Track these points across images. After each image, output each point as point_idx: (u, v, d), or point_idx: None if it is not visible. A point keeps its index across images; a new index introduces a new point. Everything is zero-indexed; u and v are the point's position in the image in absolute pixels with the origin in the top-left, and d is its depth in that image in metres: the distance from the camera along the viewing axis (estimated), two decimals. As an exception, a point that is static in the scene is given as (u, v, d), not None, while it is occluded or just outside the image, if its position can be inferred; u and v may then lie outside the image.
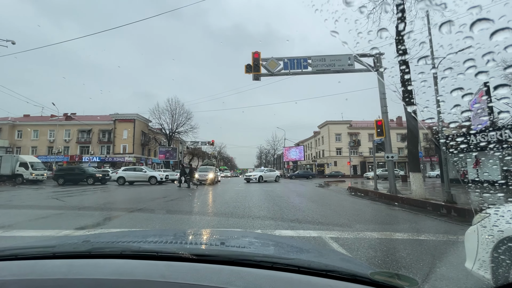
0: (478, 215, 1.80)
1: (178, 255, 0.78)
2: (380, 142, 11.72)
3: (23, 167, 21.29)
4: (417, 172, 9.30)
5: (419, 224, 5.43)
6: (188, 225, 5.36)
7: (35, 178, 21.34)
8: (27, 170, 21.25)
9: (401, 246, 3.74)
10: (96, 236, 1.34)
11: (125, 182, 19.73)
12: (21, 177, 21.07)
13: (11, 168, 21.12)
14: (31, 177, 21.13)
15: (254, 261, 0.77)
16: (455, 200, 6.98)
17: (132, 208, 7.45)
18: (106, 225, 5.25)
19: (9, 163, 21.24)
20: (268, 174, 24.49)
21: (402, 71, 7.37)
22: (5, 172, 21.05)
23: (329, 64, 11.62)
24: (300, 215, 6.19)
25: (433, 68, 2.69)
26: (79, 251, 0.87)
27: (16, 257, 0.80)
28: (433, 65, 4.41)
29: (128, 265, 0.73)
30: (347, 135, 48.90)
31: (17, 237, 4.27)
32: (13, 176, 21.07)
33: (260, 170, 25.52)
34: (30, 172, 21.24)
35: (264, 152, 78.92)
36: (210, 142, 42.18)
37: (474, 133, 13.14)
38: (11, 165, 21.20)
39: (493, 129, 12.33)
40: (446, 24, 0.85)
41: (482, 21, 0.76)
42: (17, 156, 22.35)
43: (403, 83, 7.35)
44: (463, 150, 12.16)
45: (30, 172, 21.22)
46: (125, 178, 19.88)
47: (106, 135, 43.88)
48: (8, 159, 21.62)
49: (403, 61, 5.07)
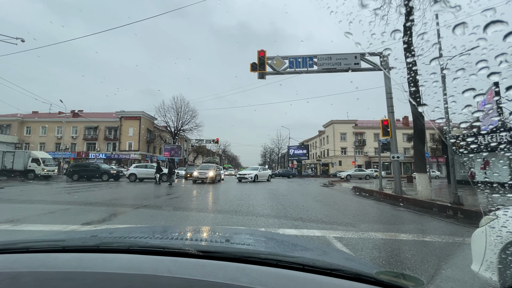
0: (486, 217, 1.78)
1: (184, 251, 0.79)
2: (386, 142, 11.60)
3: (35, 163, 21.72)
4: (423, 172, 9.19)
5: (424, 225, 5.37)
6: (193, 222, 5.41)
7: (47, 174, 21.79)
8: (39, 166, 21.68)
9: (406, 247, 3.71)
10: (103, 231, 1.36)
11: (136, 178, 20.06)
12: (33, 172, 21.48)
13: (23, 164, 21.53)
14: (42, 173, 21.57)
15: (259, 259, 0.77)
16: (462, 202, 6.88)
17: (137, 204, 7.54)
18: (111, 220, 5.34)
19: (21, 159, 21.66)
20: (263, 173, 23.64)
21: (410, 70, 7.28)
22: (17, 167, 21.47)
23: (335, 62, 11.53)
24: (304, 214, 6.18)
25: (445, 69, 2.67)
26: (87, 245, 0.89)
27: (27, 250, 0.82)
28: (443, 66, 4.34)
29: (136, 260, 0.75)
30: (352, 134, 48.51)
31: (26, 231, 4.36)
32: (25, 172, 21.48)
33: (254, 169, 23.81)
34: (42, 168, 21.66)
35: (269, 151, 78.95)
36: (214, 140, 42.36)
37: (484, 134, 12.91)
38: (24, 160, 21.62)
39: (503, 129, 12.09)
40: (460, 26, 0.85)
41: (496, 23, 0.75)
42: (29, 152, 22.81)
43: (411, 83, 7.28)
44: (472, 150, 11.98)
45: (42, 168, 21.65)
46: (137, 175, 20.20)
47: (112, 132, 44.39)
48: (20, 155, 22.05)
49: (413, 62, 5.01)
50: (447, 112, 5.69)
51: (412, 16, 8.23)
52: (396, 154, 10.51)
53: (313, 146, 60.01)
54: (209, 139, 43.57)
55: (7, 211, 6.44)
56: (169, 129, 45.55)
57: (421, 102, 8.26)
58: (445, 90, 7.22)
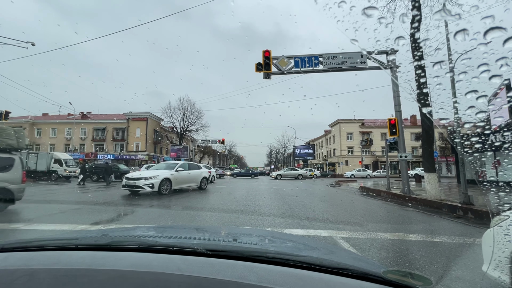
0: (497, 217, 1.75)
1: (193, 249, 0.81)
2: (393, 141, 11.44)
3: (58, 164, 22.28)
4: (432, 172, 9.04)
5: (433, 226, 5.28)
6: (200, 221, 5.45)
7: (68, 174, 22.33)
8: (61, 167, 22.24)
9: (414, 247, 3.66)
10: (113, 230, 1.39)
11: None
12: (55, 173, 22.03)
13: (46, 165, 22.04)
14: (65, 174, 22.12)
15: (266, 257, 0.78)
16: (472, 202, 6.74)
17: (144, 204, 7.63)
18: (119, 220, 5.42)
19: (44, 160, 22.13)
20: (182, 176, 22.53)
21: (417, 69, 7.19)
22: (41, 168, 21.93)
23: (341, 62, 11.44)
24: (311, 214, 6.15)
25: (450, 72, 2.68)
26: (99, 243, 0.91)
27: (42, 248, 0.85)
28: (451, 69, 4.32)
29: (146, 258, 0.76)
30: (359, 134, 48.00)
31: (37, 231, 4.47)
32: (48, 173, 21.98)
33: (169, 167, 26.65)
34: (64, 169, 22.22)
35: (274, 151, 78.79)
36: (220, 141, 42.49)
37: (494, 133, 12.61)
38: (47, 161, 22.12)
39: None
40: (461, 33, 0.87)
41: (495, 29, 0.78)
42: (52, 154, 23.34)
43: (418, 86, 7.22)
44: (479, 149, 11.72)
45: (64, 169, 22.20)
46: None
47: (120, 133, 45.05)
48: (43, 156, 22.56)
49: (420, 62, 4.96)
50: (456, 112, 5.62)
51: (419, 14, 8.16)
52: (404, 154, 10.36)
53: (319, 146, 59.62)
54: (215, 140, 43.72)
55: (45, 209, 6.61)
56: (176, 130, 45.94)
57: (429, 101, 8.14)
58: (454, 89, 7.14)
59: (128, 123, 44.78)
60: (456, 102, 1.51)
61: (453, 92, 7.06)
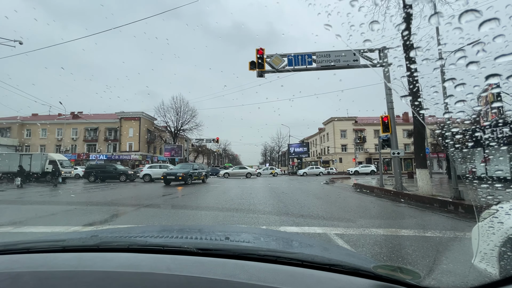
0: (485, 211, 1.78)
1: (183, 249, 0.80)
2: (386, 138, 11.58)
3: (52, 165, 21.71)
4: (423, 168, 9.19)
5: (425, 221, 5.38)
6: (193, 220, 5.42)
7: (64, 176, 21.86)
8: None
9: (407, 242, 3.72)
10: (103, 231, 1.37)
11: (151, 179, 20.00)
12: (50, 174, 21.42)
13: (41, 166, 21.37)
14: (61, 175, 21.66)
15: (258, 255, 0.78)
16: (462, 197, 6.89)
17: (142, 204, 7.56)
18: (113, 221, 5.35)
19: (39, 161, 21.48)
20: None
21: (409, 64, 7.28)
22: (35, 170, 21.24)
23: (334, 59, 11.50)
24: (305, 212, 6.19)
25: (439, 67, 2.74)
26: (87, 245, 0.89)
27: (28, 251, 0.82)
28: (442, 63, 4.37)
29: (135, 259, 0.75)
30: (352, 131, 48.44)
31: (28, 233, 4.38)
32: (43, 174, 21.29)
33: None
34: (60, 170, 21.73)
35: (269, 149, 78.91)
36: (215, 140, 42.32)
37: (483, 129, 12.88)
38: (41, 163, 21.44)
39: (503, 124, 12.04)
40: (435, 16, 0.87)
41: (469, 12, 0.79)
42: (46, 154, 22.68)
43: (410, 80, 7.30)
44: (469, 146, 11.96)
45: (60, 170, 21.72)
46: (151, 175, 20.17)
47: (112, 133, 44.39)
48: (38, 157, 21.86)
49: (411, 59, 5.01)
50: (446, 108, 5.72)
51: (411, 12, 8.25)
52: (396, 150, 10.50)
53: (313, 144, 59.97)
54: (209, 139, 43.53)
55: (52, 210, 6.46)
56: (169, 129, 45.54)
57: (420, 97, 8.25)
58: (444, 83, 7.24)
59: (120, 122, 44.14)
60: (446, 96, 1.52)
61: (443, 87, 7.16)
